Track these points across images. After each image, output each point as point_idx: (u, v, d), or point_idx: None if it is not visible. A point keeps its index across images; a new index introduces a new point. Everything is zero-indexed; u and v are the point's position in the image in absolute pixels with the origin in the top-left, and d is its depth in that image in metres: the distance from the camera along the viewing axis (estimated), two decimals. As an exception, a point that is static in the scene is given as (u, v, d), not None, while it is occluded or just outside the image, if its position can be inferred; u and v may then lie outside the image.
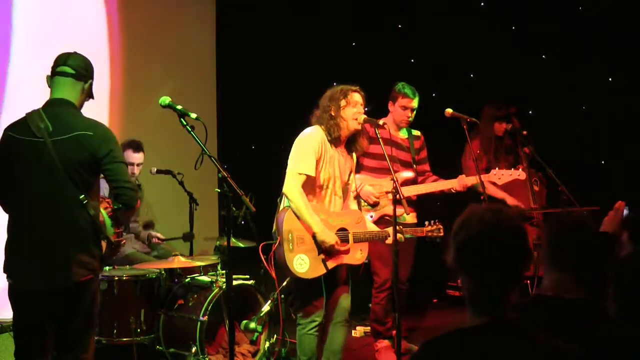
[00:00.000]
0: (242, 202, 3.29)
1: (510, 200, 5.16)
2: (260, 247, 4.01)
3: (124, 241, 3.48)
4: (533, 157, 5.26)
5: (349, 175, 4.19)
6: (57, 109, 3.18)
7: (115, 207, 3.22)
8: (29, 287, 3.17)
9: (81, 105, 3.29)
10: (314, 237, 3.92)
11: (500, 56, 6.71)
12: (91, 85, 3.29)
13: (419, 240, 4.65)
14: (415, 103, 4.84)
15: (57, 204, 3.11)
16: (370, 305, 5.05)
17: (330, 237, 3.92)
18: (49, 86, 3.26)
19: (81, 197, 3.10)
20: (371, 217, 4.62)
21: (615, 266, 2.12)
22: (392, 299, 4.85)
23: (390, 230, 4.11)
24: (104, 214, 3.28)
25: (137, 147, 5.27)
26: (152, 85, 6.03)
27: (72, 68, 3.21)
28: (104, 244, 3.24)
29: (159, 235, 5.46)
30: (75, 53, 3.29)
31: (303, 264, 3.89)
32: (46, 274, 3.13)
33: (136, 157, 5.26)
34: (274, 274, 3.95)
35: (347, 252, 4.04)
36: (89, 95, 3.32)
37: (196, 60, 6.74)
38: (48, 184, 3.11)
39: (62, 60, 3.24)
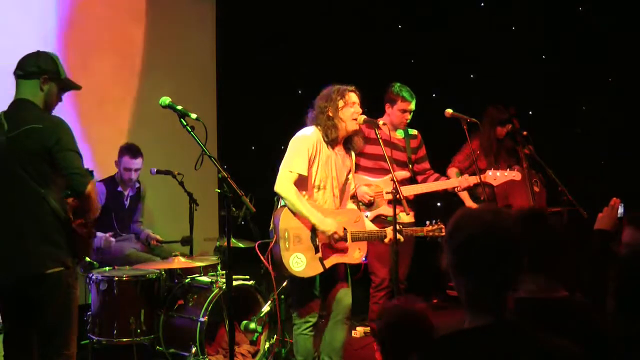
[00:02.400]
0: (242, 203, 3.30)
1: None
2: (256, 245, 3.99)
3: (94, 233, 3.50)
4: (533, 157, 5.26)
5: (347, 175, 4.19)
6: (14, 109, 3.26)
7: (63, 194, 3.25)
8: None
9: (48, 102, 3.30)
10: (313, 232, 3.91)
11: (501, 56, 6.71)
12: (50, 79, 3.27)
13: (419, 240, 4.64)
14: (413, 105, 4.85)
15: (17, 198, 3.17)
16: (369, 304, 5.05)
17: (330, 225, 3.90)
18: None
19: (41, 190, 3.16)
20: (366, 216, 4.60)
21: (616, 263, 2.12)
22: (390, 298, 4.85)
23: (388, 229, 4.10)
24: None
25: (134, 152, 5.25)
26: (152, 85, 6.03)
27: (20, 69, 3.28)
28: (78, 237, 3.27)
29: (157, 237, 5.46)
30: (31, 53, 3.32)
31: (299, 262, 3.88)
32: (9, 265, 3.18)
33: (134, 163, 5.25)
34: (272, 271, 3.93)
35: (345, 251, 4.03)
36: (58, 88, 3.32)
37: (196, 60, 6.74)
38: (8, 179, 3.18)
39: (18, 63, 3.31)
